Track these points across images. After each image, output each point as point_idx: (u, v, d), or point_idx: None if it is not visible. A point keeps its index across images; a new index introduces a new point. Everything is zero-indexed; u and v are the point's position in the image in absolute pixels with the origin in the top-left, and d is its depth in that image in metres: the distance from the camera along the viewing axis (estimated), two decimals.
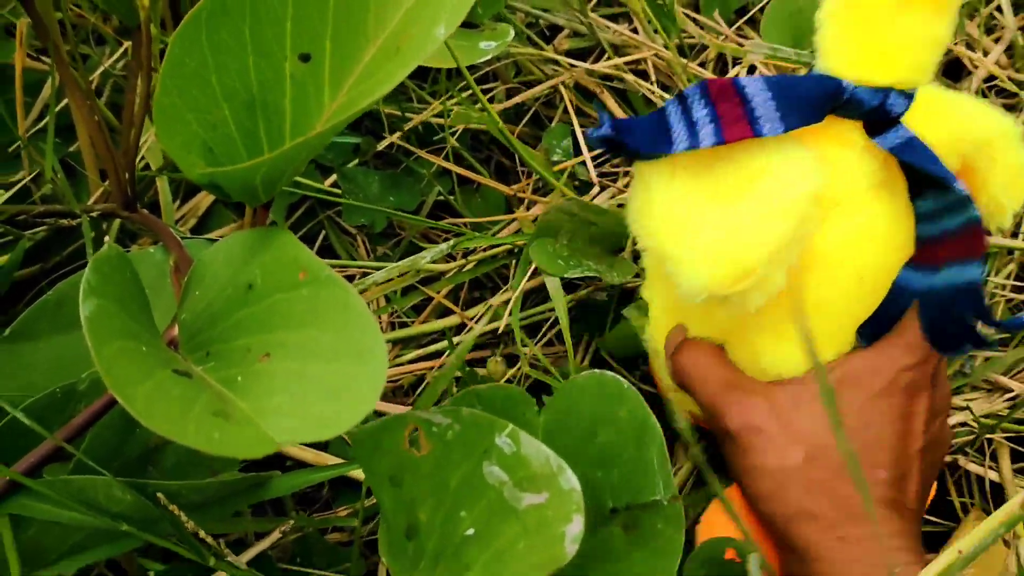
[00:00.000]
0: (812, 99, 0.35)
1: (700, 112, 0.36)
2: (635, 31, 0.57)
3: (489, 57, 0.45)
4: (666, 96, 0.55)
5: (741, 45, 0.56)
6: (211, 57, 0.28)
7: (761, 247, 0.34)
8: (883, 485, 0.36)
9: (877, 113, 0.36)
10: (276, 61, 0.28)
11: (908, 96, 0.37)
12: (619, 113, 0.56)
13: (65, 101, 0.50)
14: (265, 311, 0.27)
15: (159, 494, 0.30)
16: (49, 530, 0.30)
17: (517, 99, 0.56)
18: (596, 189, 0.53)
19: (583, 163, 0.54)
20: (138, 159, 0.51)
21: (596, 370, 0.34)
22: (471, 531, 0.25)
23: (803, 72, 0.55)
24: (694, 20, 0.59)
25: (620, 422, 0.33)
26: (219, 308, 0.29)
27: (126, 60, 0.53)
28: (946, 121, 0.39)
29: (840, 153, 0.37)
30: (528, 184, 0.54)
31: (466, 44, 0.46)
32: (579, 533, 0.24)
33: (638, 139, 0.36)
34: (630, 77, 0.55)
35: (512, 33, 0.47)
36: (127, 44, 0.52)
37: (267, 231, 0.29)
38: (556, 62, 0.56)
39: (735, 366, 0.39)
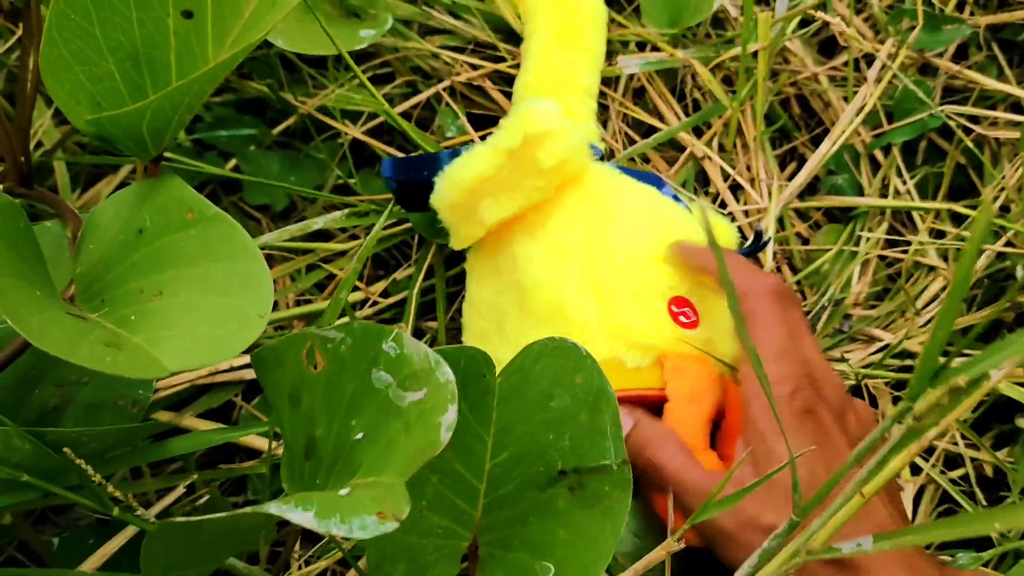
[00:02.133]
0: None
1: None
2: None
3: (366, 44, 0.47)
4: None
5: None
6: (94, 11, 0.29)
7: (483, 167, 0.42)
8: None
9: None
10: (159, 17, 0.30)
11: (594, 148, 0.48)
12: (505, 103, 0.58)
13: None
14: (156, 253, 0.28)
15: (65, 448, 0.31)
16: None
17: (416, 97, 0.57)
18: None
19: (472, 141, 0.56)
20: (33, 142, 0.51)
21: (555, 336, 0.35)
22: (360, 435, 0.27)
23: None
24: None
25: (575, 388, 0.34)
26: (111, 256, 0.30)
27: (19, 50, 0.53)
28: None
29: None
30: None
31: (347, 32, 0.47)
32: (453, 421, 0.25)
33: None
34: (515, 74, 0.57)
35: (390, 21, 0.49)
36: (20, 33, 0.52)
37: (156, 180, 0.30)
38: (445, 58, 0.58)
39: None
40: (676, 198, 0.47)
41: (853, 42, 0.58)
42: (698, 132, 0.58)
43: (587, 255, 0.43)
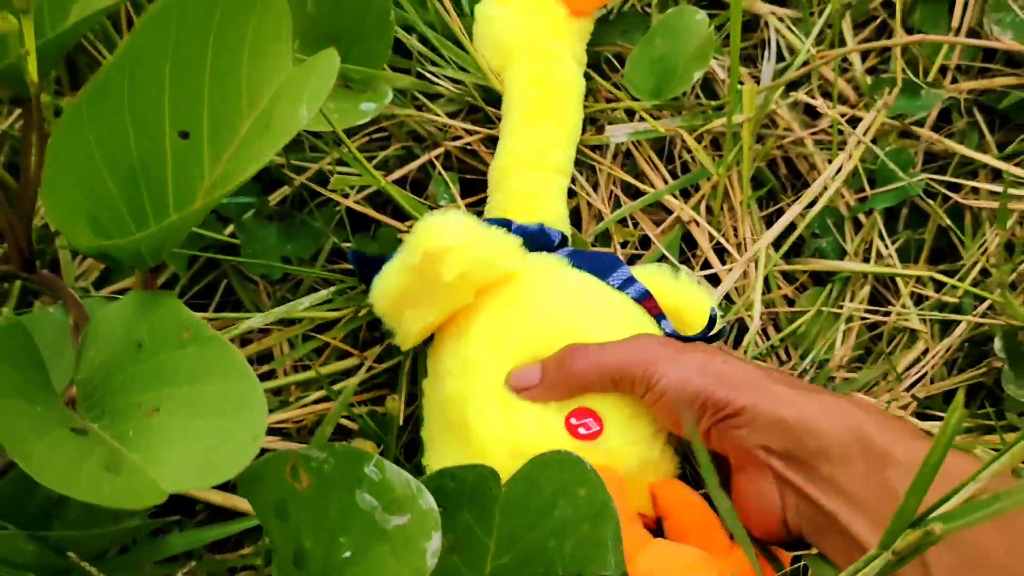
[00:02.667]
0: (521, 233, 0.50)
1: None
2: None
3: (368, 119, 0.48)
4: None
5: (614, 100, 0.60)
6: (93, 135, 0.30)
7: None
8: None
9: (541, 239, 0.50)
10: (156, 137, 0.31)
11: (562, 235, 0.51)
12: None
13: None
14: (154, 368, 0.30)
15: (69, 553, 0.32)
16: None
17: (412, 163, 0.59)
18: None
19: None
20: (37, 220, 0.53)
21: (560, 449, 0.36)
22: (348, 553, 0.28)
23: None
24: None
25: (578, 500, 0.35)
26: (112, 365, 0.31)
27: (21, 123, 0.55)
28: None
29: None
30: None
31: (347, 106, 0.49)
32: (438, 548, 0.27)
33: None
34: None
35: (390, 95, 0.50)
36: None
37: (154, 294, 0.31)
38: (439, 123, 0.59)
39: None
40: (630, 280, 0.48)
41: (835, 109, 0.59)
42: (686, 194, 0.60)
43: (499, 364, 0.44)
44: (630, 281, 0.48)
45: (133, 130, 0.30)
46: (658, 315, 0.48)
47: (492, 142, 0.59)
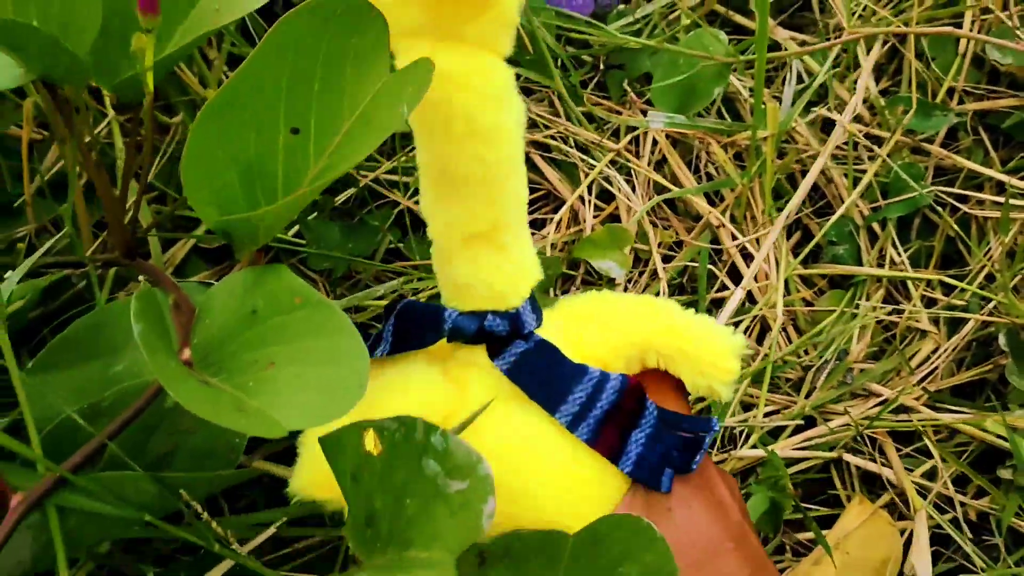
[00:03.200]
0: (419, 327, 0.41)
1: (381, 329, 0.44)
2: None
3: None
4: (586, 159, 0.64)
5: (645, 113, 0.66)
6: (219, 135, 0.35)
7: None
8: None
9: (483, 337, 0.40)
10: (271, 136, 0.36)
11: (517, 313, 0.40)
12: (550, 173, 0.65)
13: (59, 164, 0.57)
14: (268, 330, 0.35)
15: (181, 490, 0.37)
16: (87, 520, 0.37)
17: None
18: None
19: None
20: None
21: (632, 514, 0.37)
22: (413, 514, 0.33)
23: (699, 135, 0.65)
24: (605, 98, 0.68)
25: (645, 564, 0.35)
26: (228, 332, 0.36)
27: (108, 127, 0.60)
28: (606, 330, 0.42)
29: (463, 373, 0.41)
30: None
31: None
32: (492, 510, 0.31)
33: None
34: (554, 143, 0.64)
35: None
36: (111, 116, 0.59)
37: (265, 267, 0.36)
38: None
39: None
40: (586, 408, 0.40)
41: (851, 127, 0.64)
42: (711, 203, 0.65)
43: None
44: (585, 411, 0.40)
45: (253, 131, 0.35)
46: (623, 438, 0.40)
47: (543, 147, 0.65)
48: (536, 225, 0.64)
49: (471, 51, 0.36)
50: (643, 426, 0.40)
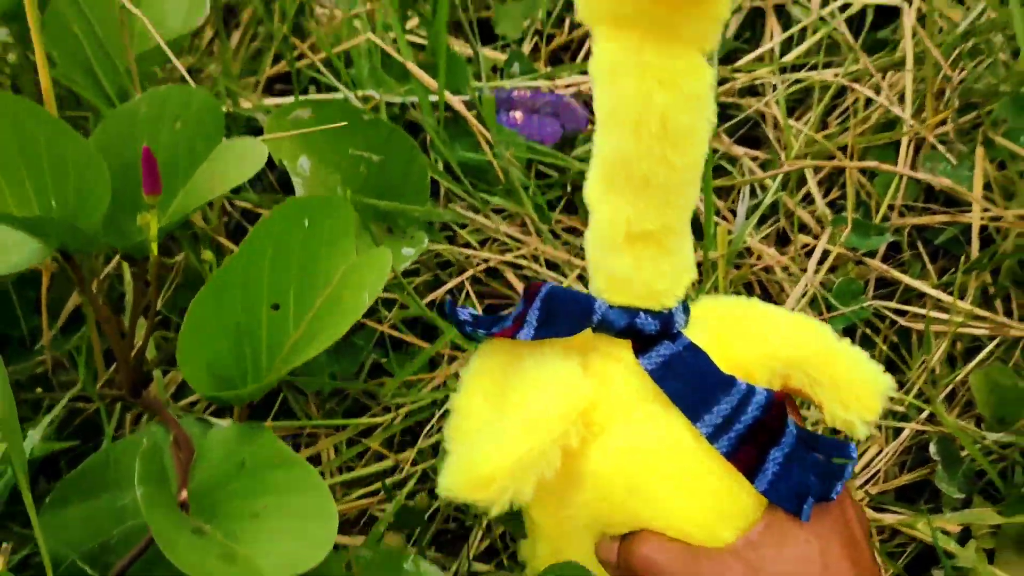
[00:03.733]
0: (568, 315, 0.39)
1: (517, 311, 0.41)
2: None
3: (410, 262, 0.59)
4: (555, 275, 0.70)
5: None
6: (213, 310, 0.41)
7: (502, 460, 0.36)
8: None
9: (631, 333, 0.39)
10: (256, 309, 0.42)
11: (670, 314, 0.39)
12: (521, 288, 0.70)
13: (73, 301, 0.63)
14: (254, 482, 0.40)
15: None
16: None
17: (441, 288, 0.70)
18: None
19: None
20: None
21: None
22: None
23: None
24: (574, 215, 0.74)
25: None
26: (219, 479, 0.42)
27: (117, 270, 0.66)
28: (756, 341, 0.41)
29: (606, 367, 0.40)
30: (447, 342, 0.68)
31: (392, 250, 0.60)
32: None
33: (471, 324, 0.42)
34: (525, 262, 0.70)
35: (427, 241, 0.61)
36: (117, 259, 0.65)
37: (252, 426, 0.42)
38: (469, 244, 0.70)
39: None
40: (730, 420, 0.39)
41: (799, 239, 0.70)
42: None
43: (567, 531, 0.42)
44: (728, 424, 0.39)
45: (241, 306, 0.41)
46: (762, 455, 0.39)
47: (515, 266, 0.70)
48: None
49: (681, 49, 0.35)
50: (782, 444, 0.39)
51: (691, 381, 0.39)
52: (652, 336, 0.40)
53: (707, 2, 0.33)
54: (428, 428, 0.65)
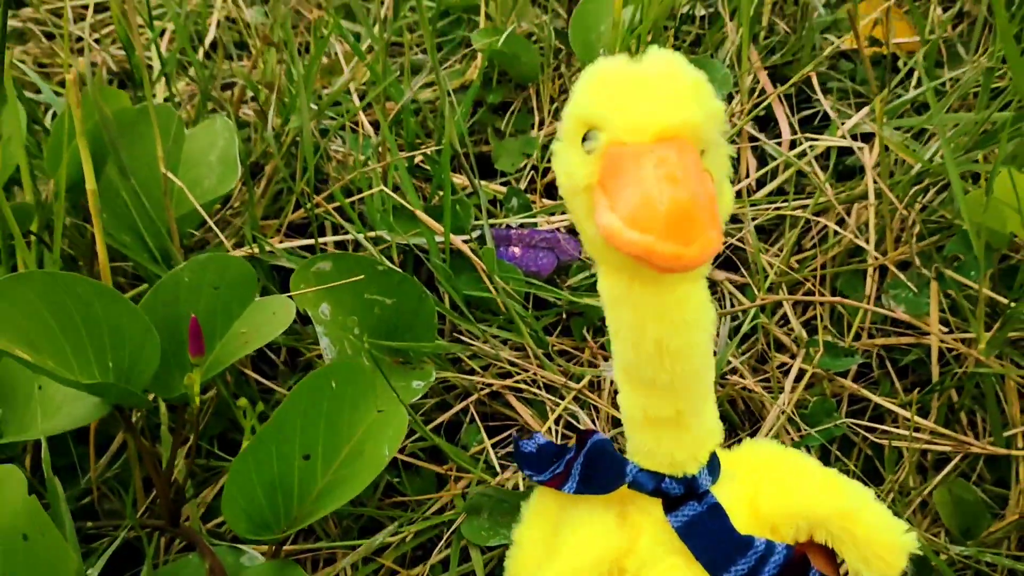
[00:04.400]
0: (605, 474, 0.45)
1: (567, 456, 0.47)
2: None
3: (419, 395, 0.66)
4: (553, 398, 0.76)
5: (598, 365, 0.78)
6: (253, 464, 0.47)
7: None
8: None
9: (659, 494, 0.43)
10: (289, 462, 0.48)
11: (694, 478, 0.43)
12: (522, 410, 0.76)
13: (120, 438, 0.69)
14: None
15: None
16: None
17: (448, 412, 0.76)
18: (503, 473, 0.72)
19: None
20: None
21: None
22: None
23: None
24: (570, 338, 0.81)
25: None
26: None
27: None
28: (784, 495, 0.44)
29: (640, 520, 0.44)
30: (453, 465, 0.74)
31: (403, 384, 0.66)
32: None
33: (531, 463, 0.49)
34: (525, 386, 0.76)
35: (435, 374, 0.68)
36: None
37: (284, 564, 0.48)
38: (473, 370, 0.77)
39: None
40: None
41: (776, 358, 0.76)
42: None
43: None
44: (755, 571, 0.42)
45: (276, 458, 0.48)
46: None
47: (516, 390, 0.77)
48: (510, 458, 0.75)
49: (669, 286, 0.38)
50: None
51: (711, 541, 0.42)
52: (679, 497, 0.44)
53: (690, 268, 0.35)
54: (438, 546, 0.71)
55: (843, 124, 0.86)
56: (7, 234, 0.55)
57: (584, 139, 0.36)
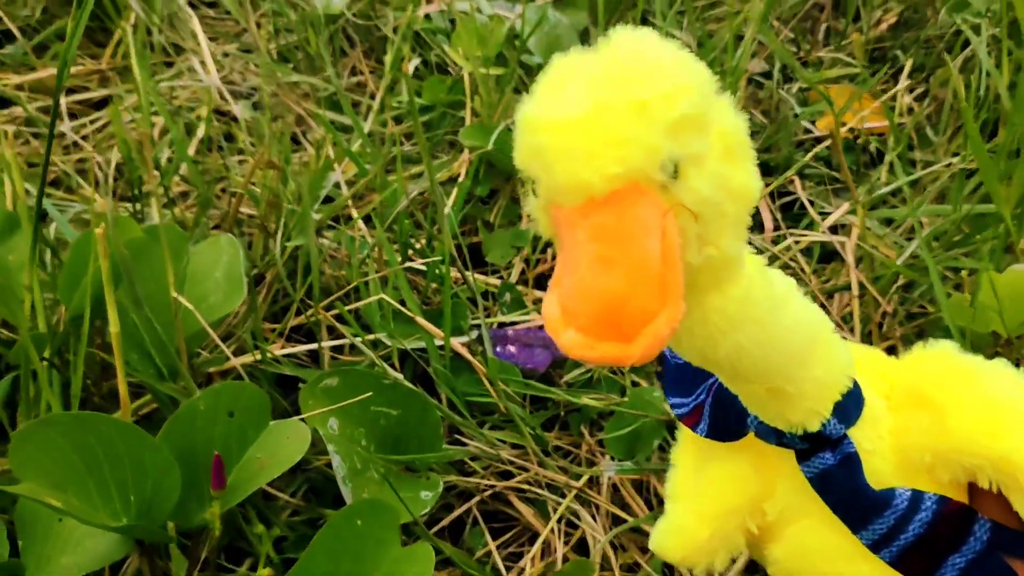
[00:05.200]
0: (730, 420, 0.40)
1: (700, 396, 0.42)
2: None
3: (429, 506, 0.67)
4: (554, 496, 0.77)
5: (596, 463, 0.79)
6: None
7: (697, 536, 0.42)
8: None
9: (783, 444, 0.39)
10: None
11: (817, 433, 0.38)
12: (524, 509, 0.78)
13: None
14: None
15: None
16: None
17: (452, 512, 0.77)
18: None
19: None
20: None
21: None
22: None
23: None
24: (568, 435, 0.82)
25: None
26: None
27: None
28: (939, 430, 0.38)
29: (778, 463, 0.41)
30: (459, 572, 0.74)
31: (411, 495, 0.67)
32: None
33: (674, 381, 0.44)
34: (527, 486, 0.78)
35: (441, 484, 0.69)
36: None
37: None
38: (476, 472, 0.78)
39: None
40: (897, 529, 0.38)
41: None
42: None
43: None
44: (888, 539, 0.38)
45: None
46: (936, 561, 0.38)
47: (518, 490, 0.78)
48: (513, 559, 0.76)
49: (695, 301, 0.33)
50: (964, 552, 0.37)
51: (843, 498, 0.38)
52: (807, 449, 0.39)
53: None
54: None
55: (823, 219, 0.90)
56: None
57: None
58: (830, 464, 0.38)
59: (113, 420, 0.52)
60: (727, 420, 0.40)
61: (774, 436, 0.39)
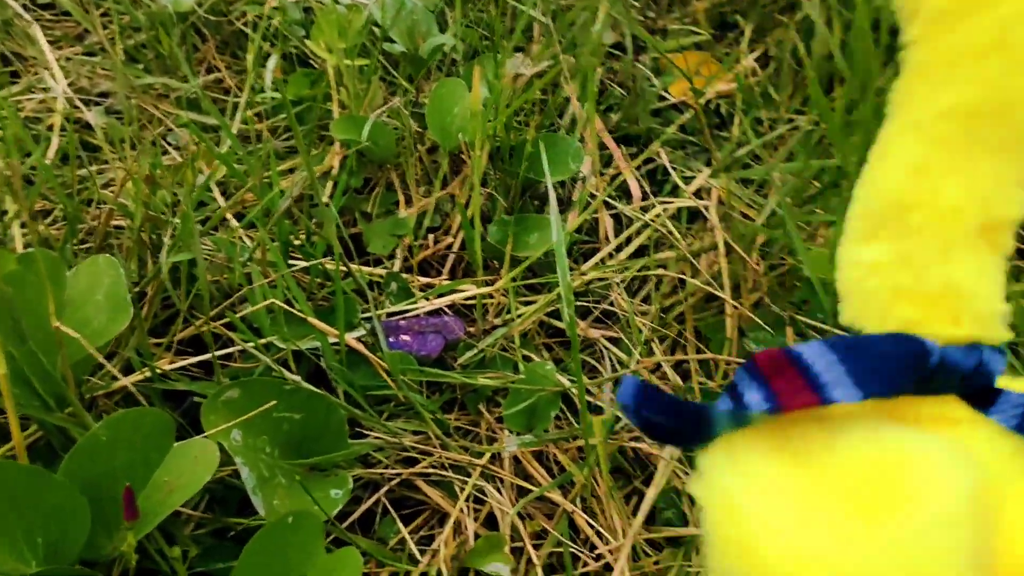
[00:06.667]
0: (897, 360, 0.28)
1: (753, 396, 0.28)
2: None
3: (340, 505, 0.68)
4: (460, 476, 0.80)
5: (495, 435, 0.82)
6: None
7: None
8: None
9: (974, 379, 0.29)
10: None
11: (1001, 351, 0.29)
12: (432, 492, 0.80)
13: None
14: None
15: None
16: None
17: (363, 504, 0.79)
18: (424, 560, 0.76)
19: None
20: None
21: None
22: None
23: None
24: (467, 415, 0.85)
25: None
26: None
27: None
28: None
29: (954, 434, 0.29)
30: (373, 562, 0.76)
31: (322, 495, 0.68)
32: None
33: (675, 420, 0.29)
34: (432, 470, 0.79)
35: (351, 480, 0.70)
36: None
37: None
38: (381, 463, 0.79)
39: None
40: None
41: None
42: (565, 491, 0.81)
43: None
44: None
45: None
46: None
47: (425, 475, 0.80)
48: (426, 542, 0.78)
49: None
50: None
51: None
52: (989, 385, 0.29)
53: None
54: None
55: (688, 183, 0.94)
56: None
57: None
58: None
59: (11, 464, 0.51)
60: (887, 364, 0.28)
61: (975, 358, 0.29)
